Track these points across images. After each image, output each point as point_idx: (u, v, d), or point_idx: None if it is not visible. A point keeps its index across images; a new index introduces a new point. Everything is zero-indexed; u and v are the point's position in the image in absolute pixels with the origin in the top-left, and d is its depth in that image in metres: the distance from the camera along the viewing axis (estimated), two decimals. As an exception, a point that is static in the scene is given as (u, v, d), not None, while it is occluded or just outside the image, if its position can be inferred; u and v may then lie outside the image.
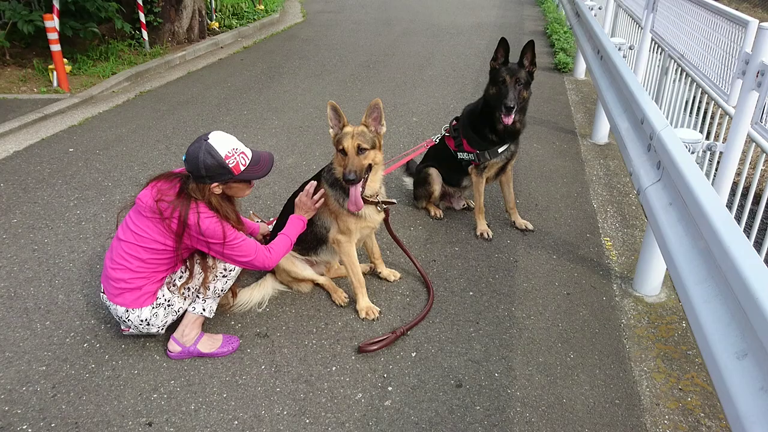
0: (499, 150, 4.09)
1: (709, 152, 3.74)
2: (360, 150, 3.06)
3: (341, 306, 3.48)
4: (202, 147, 2.71)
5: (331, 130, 3.18)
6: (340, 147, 3.08)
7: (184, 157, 2.76)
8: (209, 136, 2.75)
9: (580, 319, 3.41)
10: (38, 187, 4.95)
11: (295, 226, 3.23)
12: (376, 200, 3.28)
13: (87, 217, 4.46)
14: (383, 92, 7.69)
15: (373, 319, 3.37)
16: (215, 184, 2.77)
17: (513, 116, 3.87)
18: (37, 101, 7.00)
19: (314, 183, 3.32)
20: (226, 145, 2.75)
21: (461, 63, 9.25)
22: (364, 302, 3.41)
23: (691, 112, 5.24)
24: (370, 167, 3.15)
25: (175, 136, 6.13)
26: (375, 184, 3.27)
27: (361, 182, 3.10)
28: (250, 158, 2.85)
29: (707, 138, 4.34)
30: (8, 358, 3.05)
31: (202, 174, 2.72)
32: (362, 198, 3.15)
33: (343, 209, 3.23)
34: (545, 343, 3.22)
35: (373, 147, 3.12)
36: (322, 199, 3.30)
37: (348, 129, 3.11)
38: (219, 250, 2.86)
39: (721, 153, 3.61)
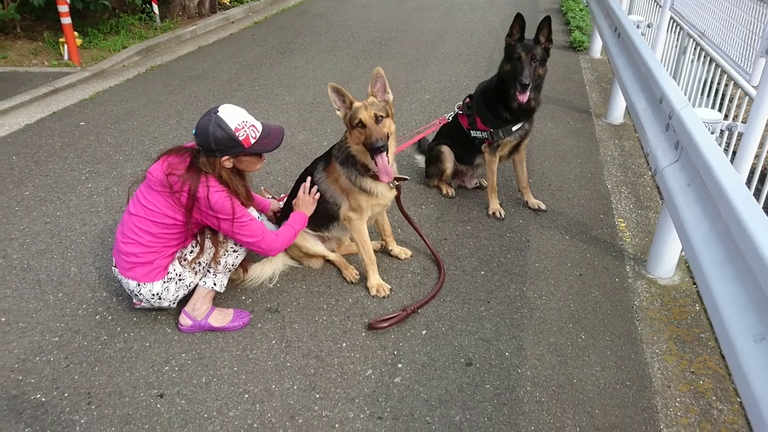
0: (513, 128, 4.04)
1: (728, 133, 3.67)
2: (377, 119, 3.04)
3: (352, 283, 3.48)
4: (212, 120, 2.68)
5: (338, 112, 3.14)
6: (357, 121, 3.03)
7: (194, 131, 2.73)
8: (219, 109, 2.72)
9: (592, 300, 3.39)
10: (50, 160, 4.95)
11: (298, 219, 3.24)
12: None
13: (98, 191, 4.46)
14: (395, 69, 7.61)
15: (384, 297, 3.36)
16: (226, 157, 2.75)
17: (528, 94, 3.81)
18: (48, 74, 6.98)
19: (309, 179, 3.35)
20: (236, 117, 2.73)
21: (474, 40, 9.13)
22: (374, 279, 3.40)
23: (708, 94, 5.15)
24: (387, 137, 3.11)
25: (186, 111, 6.10)
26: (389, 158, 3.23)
27: (386, 151, 3.07)
28: (260, 131, 2.82)
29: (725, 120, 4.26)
30: (21, 328, 3.07)
31: (212, 147, 2.70)
32: (374, 175, 3.13)
33: (355, 186, 3.20)
34: (556, 324, 3.20)
35: (387, 115, 3.10)
36: (318, 194, 3.33)
37: (358, 103, 3.08)
38: (228, 228, 2.85)
39: (740, 134, 3.55)
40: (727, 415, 2.68)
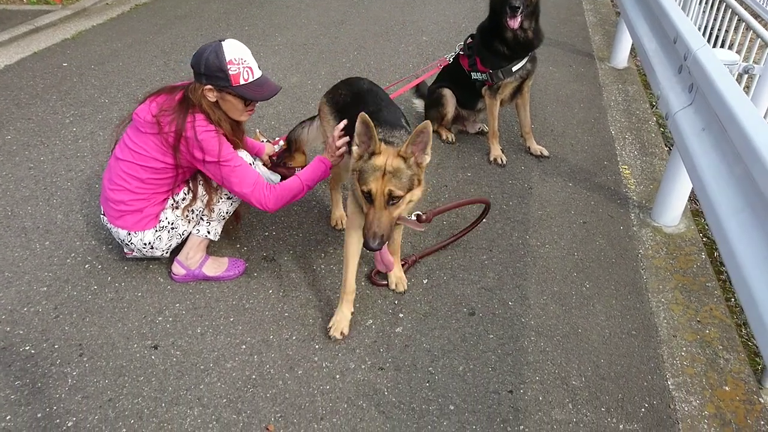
0: (514, 68, 3.85)
1: (741, 75, 3.51)
2: (391, 199, 2.24)
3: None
4: (213, 45, 2.57)
5: (355, 148, 2.34)
6: (363, 186, 2.27)
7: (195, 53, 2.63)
8: (226, 40, 2.59)
9: (596, 249, 3.31)
10: (32, 102, 4.73)
11: (315, 169, 2.78)
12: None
13: (84, 135, 4.28)
14: (392, 9, 7.31)
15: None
16: (209, 86, 2.59)
17: (519, 18, 3.61)
18: (27, 13, 6.65)
19: (344, 122, 2.74)
20: (236, 52, 2.57)
21: (473, -20, 8.77)
22: None
23: (715, 42, 4.98)
24: (392, 227, 2.34)
25: (174, 52, 5.83)
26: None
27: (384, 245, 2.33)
28: (255, 77, 2.64)
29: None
30: (8, 278, 2.95)
31: (200, 71, 2.56)
32: None
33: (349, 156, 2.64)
34: (560, 273, 3.13)
35: (410, 189, 2.28)
36: (345, 152, 2.76)
37: (379, 161, 2.24)
38: (215, 171, 2.66)
39: (753, 76, 3.41)
40: (734, 364, 2.64)
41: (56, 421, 2.27)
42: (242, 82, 2.60)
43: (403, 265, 3.06)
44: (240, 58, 2.57)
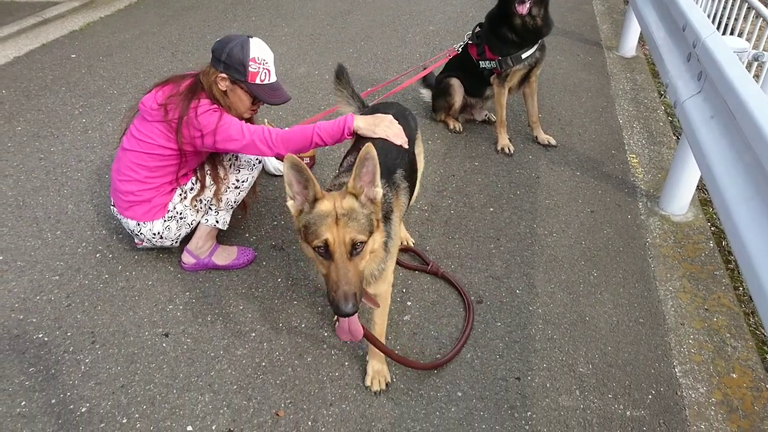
0: (523, 56, 3.85)
1: (752, 63, 3.49)
2: (354, 248, 1.81)
3: None
4: (240, 38, 2.63)
5: (290, 202, 1.90)
6: (315, 241, 1.80)
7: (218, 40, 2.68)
8: (253, 37, 2.66)
9: (604, 237, 3.31)
10: (41, 94, 4.76)
11: (333, 123, 2.55)
12: None
13: (93, 126, 4.30)
14: (398, -1, 7.29)
15: None
16: (224, 75, 2.62)
17: (527, 4, 3.61)
18: (35, 5, 6.66)
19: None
20: (260, 52, 2.64)
21: (480, -31, 8.72)
22: None
23: (724, 32, 4.94)
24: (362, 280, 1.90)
25: (181, 43, 5.85)
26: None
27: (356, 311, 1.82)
28: (271, 80, 2.71)
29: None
30: (20, 267, 2.99)
31: (221, 58, 2.60)
32: None
33: None
34: (568, 261, 3.13)
35: (371, 232, 1.87)
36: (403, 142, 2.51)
37: (325, 206, 1.82)
38: (211, 142, 2.61)
39: (763, 64, 3.39)
40: (741, 351, 2.65)
41: (70, 406, 2.31)
42: (258, 81, 2.65)
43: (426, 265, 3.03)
44: (263, 59, 2.63)
